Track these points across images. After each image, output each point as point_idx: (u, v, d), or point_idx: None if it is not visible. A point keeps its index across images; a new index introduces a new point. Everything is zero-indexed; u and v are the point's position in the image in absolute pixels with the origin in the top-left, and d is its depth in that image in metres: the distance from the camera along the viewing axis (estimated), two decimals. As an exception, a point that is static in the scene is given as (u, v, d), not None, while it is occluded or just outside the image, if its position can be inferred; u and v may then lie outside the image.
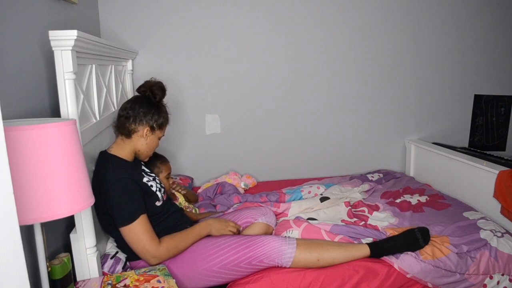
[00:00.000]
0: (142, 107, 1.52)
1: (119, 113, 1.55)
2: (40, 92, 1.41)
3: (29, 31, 1.35)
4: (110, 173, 1.41)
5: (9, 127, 0.87)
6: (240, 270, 1.50)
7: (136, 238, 1.41)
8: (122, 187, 1.40)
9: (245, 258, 1.49)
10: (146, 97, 1.57)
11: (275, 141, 2.71)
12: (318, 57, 2.65)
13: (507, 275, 1.65)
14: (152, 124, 1.54)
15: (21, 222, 0.88)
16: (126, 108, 1.53)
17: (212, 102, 2.58)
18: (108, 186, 1.38)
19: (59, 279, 1.20)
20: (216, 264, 1.49)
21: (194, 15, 2.46)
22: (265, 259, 1.51)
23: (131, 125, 1.51)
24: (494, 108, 3.00)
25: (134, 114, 1.51)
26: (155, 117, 1.54)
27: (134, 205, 1.42)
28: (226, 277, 1.52)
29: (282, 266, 1.54)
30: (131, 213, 1.40)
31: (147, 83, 1.59)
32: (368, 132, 2.83)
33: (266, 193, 2.27)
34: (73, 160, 0.97)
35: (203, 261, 1.50)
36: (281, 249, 1.53)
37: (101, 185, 1.39)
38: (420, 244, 1.66)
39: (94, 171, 1.48)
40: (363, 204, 2.13)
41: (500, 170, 1.95)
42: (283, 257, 1.52)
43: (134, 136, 1.53)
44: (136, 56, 2.44)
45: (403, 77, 2.80)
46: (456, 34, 2.81)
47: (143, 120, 1.51)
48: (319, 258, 1.55)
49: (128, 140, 1.53)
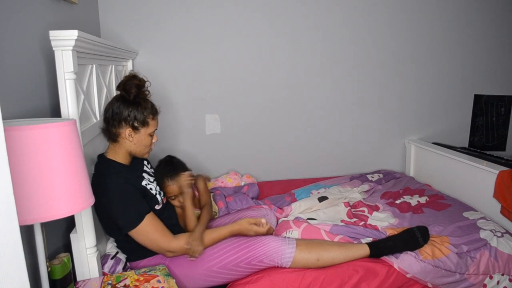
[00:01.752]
0: (119, 107, 1.41)
1: (103, 117, 1.47)
2: (40, 92, 1.41)
3: (29, 31, 1.35)
4: (107, 180, 1.38)
5: (9, 127, 0.87)
6: (240, 270, 1.50)
7: (147, 238, 1.41)
8: (121, 193, 1.38)
9: (245, 258, 1.50)
10: (121, 96, 1.44)
11: (275, 141, 2.71)
12: (318, 57, 2.65)
13: (507, 275, 1.64)
14: (132, 123, 1.42)
15: (21, 222, 0.88)
16: (105, 111, 1.45)
17: (212, 102, 2.58)
18: (108, 193, 1.36)
19: (59, 279, 1.20)
20: (216, 264, 1.49)
21: (194, 15, 2.46)
22: (265, 259, 1.51)
23: (113, 129, 1.42)
24: (494, 108, 3.00)
25: (112, 117, 1.41)
26: (133, 115, 1.41)
27: (137, 208, 1.41)
28: (226, 277, 1.52)
29: (282, 266, 1.54)
30: (136, 216, 1.39)
31: (122, 80, 1.45)
32: (368, 132, 2.83)
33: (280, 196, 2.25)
34: (73, 160, 0.97)
35: (203, 261, 1.50)
36: (280, 249, 1.53)
37: (99, 192, 1.33)
38: (419, 243, 1.66)
39: (93, 174, 1.45)
40: (363, 204, 2.13)
41: (500, 170, 1.95)
42: (283, 257, 1.52)
43: (120, 139, 1.44)
44: (136, 56, 2.44)
45: (403, 77, 2.80)
46: (456, 34, 2.81)
47: (121, 121, 1.41)
48: (318, 258, 1.55)
49: (117, 144, 1.46)
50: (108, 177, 1.40)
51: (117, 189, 1.38)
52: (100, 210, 1.44)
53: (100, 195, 1.33)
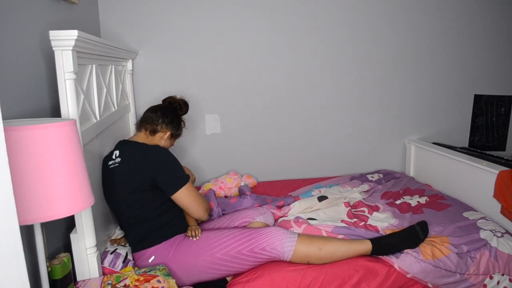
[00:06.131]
0: (171, 115, 1.81)
1: (149, 114, 1.79)
2: (40, 92, 1.41)
3: (29, 31, 1.35)
4: (162, 148, 1.65)
5: (9, 127, 0.87)
6: (242, 258, 1.53)
7: (193, 195, 1.63)
8: (174, 158, 1.64)
9: (247, 245, 1.54)
10: (174, 108, 1.86)
11: (275, 141, 2.71)
12: (318, 57, 2.65)
13: (507, 275, 1.64)
14: (172, 132, 1.81)
15: (21, 222, 0.88)
16: (158, 111, 1.79)
17: (212, 102, 2.58)
18: (165, 156, 1.61)
19: (59, 279, 1.20)
20: (219, 251, 1.53)
21: (194, 15, 2.46)
22: (267, 247, 1.54)
23: (158, 126, 1.76)
24: (494, 108, 3.00)
25: (163, 118, 1.77)
26: (175, 128, 1.83)
27: (183, 171, 1.64)
28: (229, 266, 1.53)
29: (283, 256, 1.56)
30: (185, 176, 1.62)
31: (174, 97, 1.93)
32: (368, 132, 2.83)
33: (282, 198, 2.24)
34: (73, 160, 0.97)
35: (206, 249, 1.54)
36: (283, 238, 1.57)
37: (152, 159, 1.57)
38: (420, 238, 1.69)
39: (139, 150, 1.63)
40: (363, 204, 2.13)
41: (500, 170, 1.95)
42: (285, 246, 1.55)
43: (157, 135, 1.77)
44: (136, 56, 2.44)
45: (403, 77, 2.80)
46: (456, 34, 2.81)
47: (168, 125, 1.79)
48: (320, 248, 1.58)
49: (151, 137, 1.77)
50: (160, 147, 1.66)
51: (171, 155, 1.64)
52: (140, 182, 1.55)
53: (153, 162, 1.56)
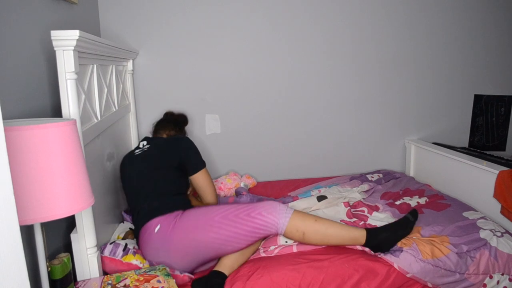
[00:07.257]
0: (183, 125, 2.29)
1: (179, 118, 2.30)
2: (41, 92, 1.41)
3: (30, 31, 1.36)
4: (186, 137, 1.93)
5: (9, 127, 0.88)
6: (239, 221, 1.57)
7: (209, 178, 1.91)
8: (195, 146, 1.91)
9: (245, 209, 1.62)
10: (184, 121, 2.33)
11: (275, 141, 2.71)
12: (318, 57, 2.65)
13: (507, 275, 1.65)
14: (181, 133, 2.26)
15: (21, 222, 0.88)
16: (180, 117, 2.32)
17: (212, 102, 2.59)
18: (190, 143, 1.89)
19: (59, 279, 1.20)
20: (218, 215, 1.60)
21: (194, 15, 2.46)
22: (264, 211, 1.60)
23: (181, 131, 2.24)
24: (494, 108, 3.00)
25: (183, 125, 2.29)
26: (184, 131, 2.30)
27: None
28: (226, 229, 1.56)
29: (279, 224, 1.60)
30: (203, 160, 1.90)
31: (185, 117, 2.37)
32: (368, 132, 2.83)
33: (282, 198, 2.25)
34: (73, 160, 0.97)
35: (207, 214, 1.62)
36: (279, 207, 1.64)
37: (180, 144, 1.87)
38: (410, 220, 1.77)
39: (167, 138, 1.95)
40: (362, 204, 2.13)
41: (500, 170, 1.95)
42: (281, 213, 1.62)
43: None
44: (137, 56, 2.44)
45: (403, 77, 2.81)
46: (456, 34, 2.82)
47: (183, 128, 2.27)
48: (316, 219, 1.67)
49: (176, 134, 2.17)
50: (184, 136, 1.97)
51: (193, 143, 1.91)
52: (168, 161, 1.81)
53: (180, 146, 1.86)
